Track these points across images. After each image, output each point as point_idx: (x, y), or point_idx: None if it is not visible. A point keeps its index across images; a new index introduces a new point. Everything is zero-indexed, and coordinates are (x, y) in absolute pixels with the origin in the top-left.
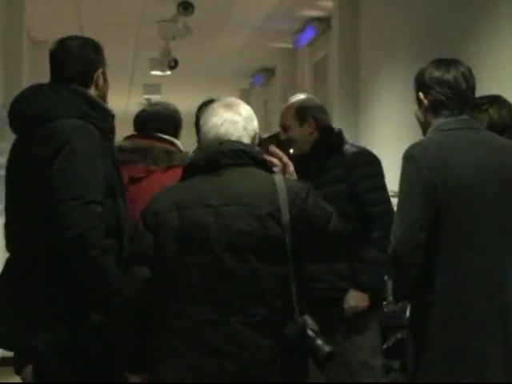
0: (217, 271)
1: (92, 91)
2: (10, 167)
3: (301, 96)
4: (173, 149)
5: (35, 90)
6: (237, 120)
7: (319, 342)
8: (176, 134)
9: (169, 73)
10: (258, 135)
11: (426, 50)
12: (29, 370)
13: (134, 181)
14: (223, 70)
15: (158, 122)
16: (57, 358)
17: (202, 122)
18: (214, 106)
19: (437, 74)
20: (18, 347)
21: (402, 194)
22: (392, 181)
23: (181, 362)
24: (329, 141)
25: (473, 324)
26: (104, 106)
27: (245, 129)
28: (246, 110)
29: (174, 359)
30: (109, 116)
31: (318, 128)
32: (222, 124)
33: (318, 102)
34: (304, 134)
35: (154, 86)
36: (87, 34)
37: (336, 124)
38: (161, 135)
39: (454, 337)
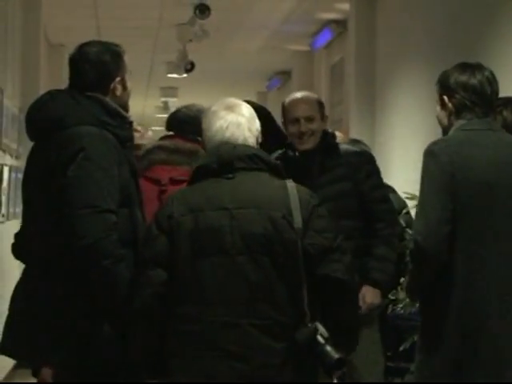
0: (231, 274)
1: (109, 98)
2: (27, 173)
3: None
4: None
5: (53, 95)
6: (241, 122)
7: (328, 348)
8: None
9: (185, 75)
10: (260, 134)
11: (442, 52)
12: (47, 371)
13: (176, 182)
14: (239, 73)
15: (195, 124)
16: (68, 371)
17: (204, 126)
18: (215, 108)
19: (462, 78)
20: (32, 358)
21: (424, 190)
22: (407, 181)
23: (193, 364)
24: (328, 140)
25: (485, 323)
26: (122, 113)
27: (249, 130)
28: (247, 110)
29: (187, 362)
30: (127, 123)
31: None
32: (227, 128)
33: None
34: (321, 129)
35: (170, 89)
36: (104, 38)
37: (353, 126)
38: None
39: (467, 335)
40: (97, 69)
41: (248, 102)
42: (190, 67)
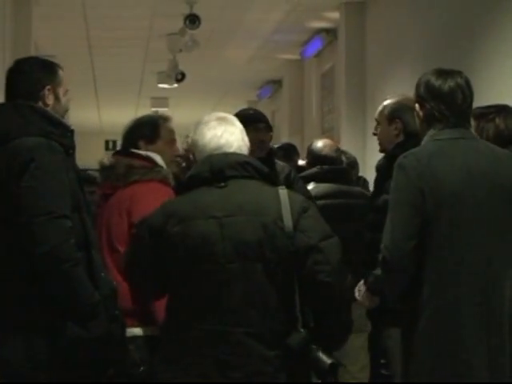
0: (223, 282)
1: (44, 107)
2: None
3: (396, 97)
4: (141, 164)
5: None
6: (234, 131)
7: (321, 353)
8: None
9: (176, 86)
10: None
11: (432, 60)
12: None
13: (105, 197)
14: (230, 83)
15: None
16: (32, 371)
17: (196, 137)
18: (207, 119)
19: (433, 86)
20: None
21: (392, 203)
22: None
23: (186, 372)
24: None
25: (459, 333)
26: (63, 121)
27: (243, 139)
28: (237, 122)
29: (180, 369)
30: (68, 132)
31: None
32: (221, 135)
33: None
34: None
35: (161, 100)
36: (95, 49)
37: (344, 133)
38: (135, 151)
39: (440, 345)
40: (27, 78)
41: None
42: (180, 77)
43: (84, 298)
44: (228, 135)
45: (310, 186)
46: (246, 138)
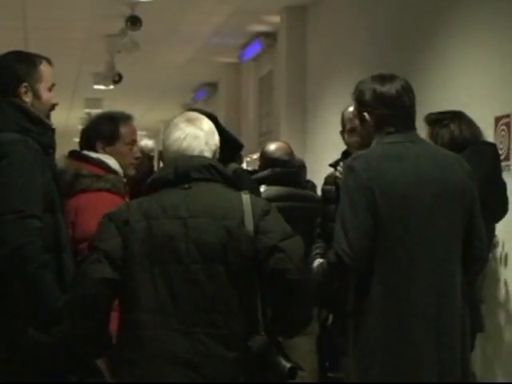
0: (185, 282)
1: (25, 104)
2: None
3: None
4: (90, 171)
5: None
6: (199, 135)
7: (280, 358)
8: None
9: (112, 87)
10: (218, 149)
11: (374, 64)
12: None
13: None
14: (166, 85)
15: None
16: None
17: (164, 136)
18: (176, 120)
19: (381, 91)
20: None
21: (343, 205)
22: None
23: (145, 371)
24: None
25: (409, 333)
26: (43, 119)
27: (206, 143)
28: (207, 125)
29: (139, 369)
30: (49, 130)
31: None
32: (184, 138)
33: None
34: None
35: (95, 100)
36: (31, 49)
37: (284, 137)
38: (87, 154)
39: (390, 344)
40: (3, 73)
41: (195, 110)
42: (117, 78)
43: (47, 302)
44: (191, 139)
45: (262, 189)
46: (214, 142)
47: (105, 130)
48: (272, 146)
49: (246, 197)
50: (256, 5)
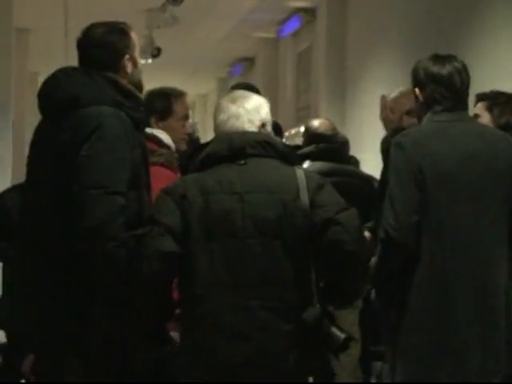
0: (241, 257)
1: (121, 78)
2: (35, 150)
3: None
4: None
5: (68, 73)
6: (240, 113)
7: (334, 329)
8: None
9: (150, 61)
10: (268, 122)
11: (414, 39)
12: (29, 360)
13: None
14: (202, 60)
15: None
16: (66, 351)
17: (213, 117)
18: (221, 101)
19: (432, 70)
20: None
21: (392, 180)
22: (378, 167)
23: (201, 345)
24: None
25: (455, 307)
26: (137, 94)
27: (250, 121)
28: (251, 102)
29: (196, 342)
30: (141, 105)
31: None
32: (227, 119)
33: None
34: None
35: None
36: (72, 24)
37: (323, 113)
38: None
39: (438, 320)
40: (104, 49)
41: (239, 84)
42: (156, 53)
43: (121, 280)
44: (234, 120)
45: (306, 165)
46: (259, 117)
47: (158, 105)
48: (315, 122)
49: (300, 171)
50: None
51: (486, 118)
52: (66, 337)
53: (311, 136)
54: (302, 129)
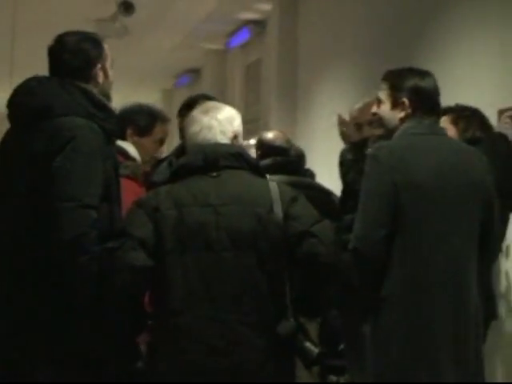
0: (216, 269)
1: (92, 88)
2: (3, 159)
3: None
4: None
5: (40, 82)
6: (213, 125)
7: (308, 343)
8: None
9: None
10: (240, 134)
11: (368, 54)
12: None
13: None
14: (148, 71)
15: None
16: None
17: (185, 128)
18: (195, 112)
19: (416, 82)
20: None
21: (364, 194)
22: (330, 179)
23: (177, 358)
24: None
25: (426, 319)
26: (108, 106)
27: (222, 132)
28: (223, 113)
29: (171, 355)
30: (113, 116)
31: None
32: (200, 131)
33: None
34: None
35: None
36: (19, 35)
37: (274, 123)
38: None
39: (409, 329)
40: (77, 56)
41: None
42: None
43: (92, 292)
44: (206, 131)
45: None
46: (231, 129)
47: (142, 121)
48: (270, 135)
49: (273, 184)
50: None
51: (451, 132)
52: (40, 350)
53: (267, 149)
54: (252, 141)
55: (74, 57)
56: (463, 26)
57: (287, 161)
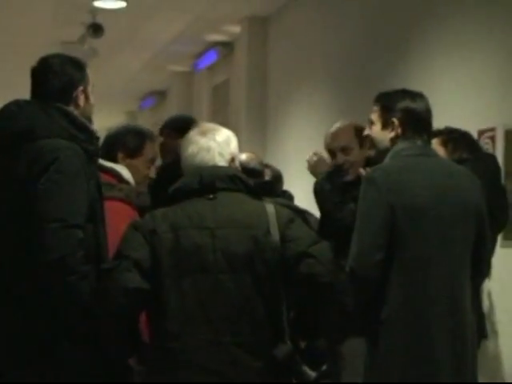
0: (213, 292)
1: (73, 110)
2: None
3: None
4: (103, 180)
5: (20, 106)
6: (211, 146)
7: (305, 367)
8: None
9: None
10: (237, 156)
11: (339, 76)
12: None
13: None
14: (113, 93)
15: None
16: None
17: (181, 150)
18: (191, 133)
19: (409, 103)
20: None
21: (361, 216)
22: (296, 194)
23: (174, 379)
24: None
25: (425, 341)
26: (90, 127)
27: (220, 154)
28: (221, 135)
29: (167, 378)
30: (94, 138)
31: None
32: (197, 153)
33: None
34: (362, 157)
35: None
36: None
37: (243, 145)
38: (101, 163)
39: (411, 358)
40: (59, 78)
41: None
42: None
43: (84, 312)
44: (204, 153)
45: None
46: (229, 151)
47: (131, 142)
48: (243, 157)
49: (269, 206)
50: (217, 14)
51: (440, 153)
52: (29, 372)
53: (244, 171)
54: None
55: (58, 79)
56: (444, 47)
57: (264, 182)
